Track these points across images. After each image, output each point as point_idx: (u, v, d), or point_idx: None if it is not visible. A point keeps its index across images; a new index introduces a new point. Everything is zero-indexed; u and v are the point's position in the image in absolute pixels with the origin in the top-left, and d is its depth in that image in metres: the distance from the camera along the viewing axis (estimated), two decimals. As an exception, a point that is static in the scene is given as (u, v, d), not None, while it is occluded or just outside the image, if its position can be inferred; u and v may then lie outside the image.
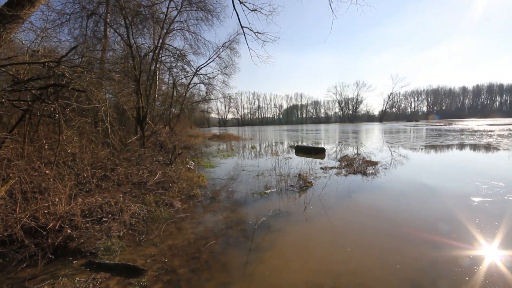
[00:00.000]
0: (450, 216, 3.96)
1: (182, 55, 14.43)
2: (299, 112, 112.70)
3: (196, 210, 4.57)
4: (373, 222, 3.86)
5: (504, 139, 15.12)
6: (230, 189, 5.89)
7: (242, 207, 4.71)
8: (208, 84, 18.77)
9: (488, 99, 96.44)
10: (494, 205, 4.32)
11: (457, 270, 2.56)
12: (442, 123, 50.77)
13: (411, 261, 2.78)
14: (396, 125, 48.41)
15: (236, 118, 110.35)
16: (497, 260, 2.72)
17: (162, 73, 18.87)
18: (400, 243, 3.18)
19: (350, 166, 7.87)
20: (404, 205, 4.56)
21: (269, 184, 6.06)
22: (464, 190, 5.24)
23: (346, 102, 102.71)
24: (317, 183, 6.12)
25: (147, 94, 11.42)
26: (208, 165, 9.08)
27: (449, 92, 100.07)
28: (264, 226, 3.79)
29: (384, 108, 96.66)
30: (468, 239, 3.21)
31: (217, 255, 3.01)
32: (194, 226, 3.85)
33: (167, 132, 13.46)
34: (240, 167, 8.73)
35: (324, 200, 4.86)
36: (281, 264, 2.81)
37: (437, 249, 3.01)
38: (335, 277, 2.54)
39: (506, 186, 5.40)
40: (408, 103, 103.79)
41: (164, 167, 6.74)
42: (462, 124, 41.23)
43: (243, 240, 3.38)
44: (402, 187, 5.66)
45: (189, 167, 7.54)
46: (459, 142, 14.46)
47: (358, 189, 5.57)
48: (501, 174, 6.47)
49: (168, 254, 3.05)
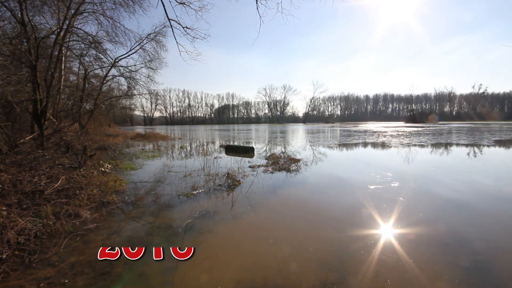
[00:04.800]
0: (354, 202, 4.63)
1: (96, 42, 12.58)
2: (231, 112, 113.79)
3: (110, 218, 4.02)
4: (295, 213, 4.18)
5: (394, 138, 18.91)
6: (154, 193, 5.43)
7: (167, 210, 4.40)
8: (130, 78, 16.92)
9: (384, 106, 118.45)
10: (383, 191, 5.27)
11: (358, 247, 3.00)
12: (351, 125, 59.57)
13: (323, 245, 3.11)
14: (317, 126, 54.28)
15: (164, 116, 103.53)
16: (387, 235, 3.31)
17: (70, 61, 16.07)
18: (316, 230, 3.52)
19: (276, 163, 8.36)
20: (321, 196, 5.10)
21: (197, 185, 5.86)
22: (365, 180, 6.23)
23: (274, 103, 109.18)
24: (245, 181, 6.25)
25: (47, 85, 9.48)
26: (129, 167, 8.17)
27: (356, 99, 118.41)
28: (190, 229, 3.62)
29: (307, 110, 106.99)
30: (366, 219, 3.81)
31: (133, 266, 2.70)
32: (106, 237, 3.37)
33: (76, 131, 11.49)
34: (167, 168, 8.18)
35: (251, 197, 5.00)
36: (209, 264, 2.72)
37: (343, 232, 3.45)
38: (263, 269, 2.62)
39: (393, 175, 6.68)
40: (326, 107, 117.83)
41: (69, 171, 5.72)
42: (365, 126, 49.35)
43: (165, 246, 3.13)
44: (320, 181, 6.33)
45: (103, 171, 6.61)
46: (362, 141, 17.26)
47: (282, 185, 5.94)
48: (390, 166, 7.99)
49: (69, 274, 2.57)
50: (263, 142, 18.27)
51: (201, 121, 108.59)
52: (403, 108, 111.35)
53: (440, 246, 3.05)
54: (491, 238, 3.25)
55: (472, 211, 4.16)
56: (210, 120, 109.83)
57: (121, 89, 20.69)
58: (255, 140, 19.80)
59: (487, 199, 4.80)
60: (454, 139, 17.56)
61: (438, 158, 9.76)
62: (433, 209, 4.29)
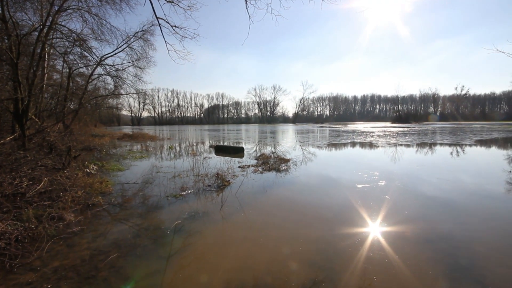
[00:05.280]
0: (342, 201, 4.71)
1: (81, 40, 12.22)
2: (221, 112, 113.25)
3: (95, 221, 3.92)
4: (284, 213, 4.19)
5: (381, 138, 19.33)
6: (141, 194, 5.33)
7: (155, 212, 4.33)
8: (117, 77, 16.51)
9: (371, 106, 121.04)
10: (370, 189, 5.38)
11: (346, 245, 3.04)
12: (339, 125, 60.48)
13: (312, 244, 3.14)
14: (306, 126, 54.78)
15: (152, 116, 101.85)
16: (373, 232, 3.38)
17: (53, 59, 15.56)
18: (305, 229, 3.55)
19: (266, 163, 8.38)
20: (310, 195, 5.14)
21: (186, 186, 5.79)
22: (353, 179, 6.34)
23: (264, 104, 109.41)
24: (235, 181, 6.23)
25: (29, 83, 9.14)
26: (116, 168, 7.99)
27: (344, 99, 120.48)
28: (178, 230, 3.57)
29: (297, 111, 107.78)
30: (353, 218, 3.88)
31: (120, 269, 2.64)
32: (91, 240, 3.28)
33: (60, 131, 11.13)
34: (155, 169, 8.04)
35: (241, 198, 4.99)
36: (199, 266, 2.70)
37: (332, 230, 3.50)
38: (253, 269, 2.62)
39: (380, 174, 6.83)
40: (315, 107, 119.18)
41: (53, 173, 5.53)
42: (353, 126, 50.20)
43: (153, 248, 3.09)
44: (309, 180, 6.39)
45: (89, 172, 6.43)
46: (351, 141, 17.56)
47: (272, 185, 5.96)
48: (377, 165, 8.17)
49: (52, 279, 2.49)
50: (253, 142, 18.27)
51: (191, 121, 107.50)
52: (389, 108, 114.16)
53: (424, 243, 3.14)
54: (473, 235, 3.37)
55: (455, 209, 4.31)
56: (200, 120, 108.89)
57: (107, 88, 20.20)
58: (245, 140, 19.78)
59: (469, 196, 4.98)
60: (438, 139, 18.14)
61: (422, 157, 10.05)
62: (418, 207, 4.42)
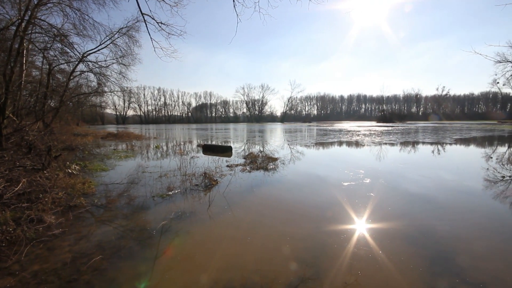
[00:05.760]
0: (328, 198, 4.79)
1: (62, 35, 11.76)
2: (209, 111, 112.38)
3: (77, 223, 3.79)
4: (271, 211, 4.22)
5: (366, 137, 19.81)
6: (126, 194, 5.21)
7: (140, 212, 4.24)
8: (100, 74, 16.02)
9: (357, 106, 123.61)
10: (356, 187, 5.50)
11: (332, 241, 3.10)
12: (327, 124, 61.40)
13: (300, 241, 3.18)
14: (294, 126, 55.26)
15: (138, 115, 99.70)
16: (359, 229, 3.46)
17: (32, 54, 14.88)
18: (292, 227, 3.59)
19: (254, 162, 8.39)
20: (297, 193, 5.19)
21: (173, 185, 5.71)
22: (339, 177, 6.46)
23: (253, 103, 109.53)
24: (223, 180, 6.20)
25: (6, 80, 8.70)
26: (99, 168, 7.76)
27: (332, 99, 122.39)
28: (165, 231, 3.52)
29: (285, 110, 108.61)
30: (339, 215, 3.95)
31: (104, 271, 2.57)
32: (73, 243, 3.18)
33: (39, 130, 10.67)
34: (141, 168, 7.87)
35: (229, 197, 4.97)
36: (186, 266, 2.67)
37: (318, 228, 3.55)
38: (241, 268, 2.61)
39: (365, 172, 7.00)
40: (303, 107, 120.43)
41: (32, 173, 5.31)
42: (340, 125, 51.10)
43: (139, 249, 3.02)
44: (296, 179, 6.45)
45: (70, 172, 6.21)
46: (338, 140, 17.88)
47: (260, 184, 5.98)
48: (362, 164, 8.36)
49: (32, 283, 2.39)
50: (241, 141, 18.23)
51: (178, 120, 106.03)
52: (375, 108, 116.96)
53: (406, 238, 3.24)
54: (452, 229, 3.52)
55: (436, 205, 4.48)
56: (187, 119, 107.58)
57: (90, 85, 19.55)
58: (233, 140, 19.71)
59: (449, 193, 5.18)
60: (420, 138, 18.78)
61: (405, 156, 10.37)
62: (401, 204, 4.56)
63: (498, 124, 48.82)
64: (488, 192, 5.19)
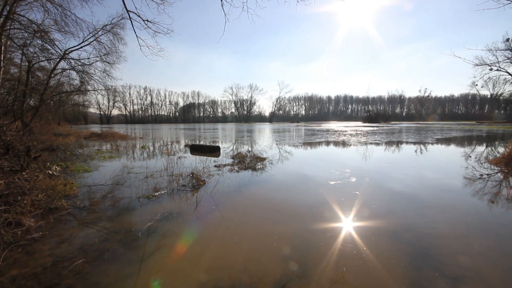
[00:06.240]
0: (315, 197, 4.85)
1: (42, 31, 11.29)
2: (197, 111, 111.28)
3: (58, 226, 3.66)
4: (259, 211, 4.22)
5: (353, 137, 20.24)
6: (111, 196, 5.07)
7: (126, 214, 4.14)
8: (83, 72, 15.48)
9: (344, 106, 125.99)
10: (342, 186, 5.61)
11: (319, 239, 3.15)
12: (314, 124, 62.19)
13: (287, 240, 3.21)
14: (283, 126, 55.62)
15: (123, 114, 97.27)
16: (345, 226, 3.53)
17: (11, 51, 14.19)
18: (280, 226, 3.61)
19: (242, 162, 8.37)
20: (285, 193, 5.23)
21: (159, 186, 5.61)
22: (326, 176, 6.56)
23: (241, 103, 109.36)
24: (210, 180, 6.16)
25: (-20, 77, 8.27)
26: (82, 169, 7.51)
27: (319, 99, 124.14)
28: (151, 232, 3.45)
29: (273, 110, 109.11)
30: (326, 213, 4.02)
31: (86, 275, 2.49)
32: (54, 246, 3.06)
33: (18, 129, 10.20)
34: (126, 169, 7.69)
35: (216, 197, 4.94)
36: (173, 267, 2.62)
37: (305, 226, 3.59)
38: (229, 268, 2.60)
39: (351, 171, 7.15)
40: (291, 107, 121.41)
41: (10, 175, 5.06)
42: (327, 125, 51.94)
43: (123, 252, 2.95)
44: (284, 178, 6.49)
45: (51, 173, 5.97)
46: (325, 139, 18.16)
47: (248, 184, 5.98)
48: (349, 163, 8.53)
49: (9, 290, 2.28)
50: (229, 141, 18.16)
51: (165, 120, 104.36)
52: (361, 109, 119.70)
53: (390, 235, 3.34)
54: (433, 225, 3.65)
55: (419, 202, 4.63)
56: (175, 119, 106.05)
57: (72, 84, 18.88)
58: (221, 140, 19.60)
59: (431, 191, 5.38)
60: (404, 138, 19.37)
61: (390, 155, 10.67)
62: (385, 202, 4.68)
63: (476, 125, 51.14)
64: (467, 190, 5.42)
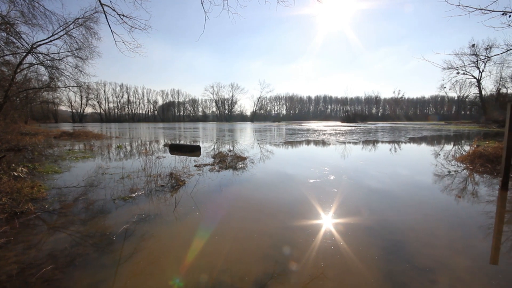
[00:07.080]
0: (295, 195, 4.93)
1: (7, 23, 10.49)
2: (176, 110, 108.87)
3: (25, 231, 3.42)
4: (239, 210, 4.21)
5: (332, 136, 20.83)
6: (84, 198, 4.82)
7: (100, 217, 3.95)
8: (52, 67, 14.60)
9: (324, 107, 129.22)
10: (321, 184, 5.75)
11: (298, 237, 3.20)
12: (295, 124, 63.18)
13: (267, 238, 3.23)
14: (264, 125, 55.91)
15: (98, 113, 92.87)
16: (323, 223, 3.62)
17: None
18: (259, 225, 3.63)
19: (223, 162, 8.31)
20: (265, 192, 5.26)
21: (136, 187, 5.42)
22: (305, 174, 6.69)
23: (222, 102, 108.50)
24: (190, 180, 6.05)
25: None
26: (52, 170, 7.08)
27: (300, 99, 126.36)
28: (128, 235, 3.32)
29: (255, 109, 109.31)
30: (305, 211, 4.10)
31: (56, 282, 2.35)
32: (20, 253, 2.86)
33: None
34: (101, 170, 7.35)
35: (196, 197, 4.87)
36: (152, 270, 2.54)
37: (285, 224, 3.64)
38: (208, 269, 2.56)
39: (329, 169, 7.35)
40: (272, 106, 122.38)
41: (-33, 177, 4.66)
42: (308, 125, 53.00)
43: (97, 256, 2.82)
44: (264, 177, 6.53)
45: (16, 175, 5.57)
46: (305, 139, 18.51)
47: (228, 183, 5.94)
48: (327, 161, 8.76)
49: (-34, 303, 2.10)
50: (210, 140, 17.96)
51: (143, 118, 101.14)
52: (339, 109, 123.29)
53: (366, 230, 3.47)
54: (406, 220, 3.84)
55: (392, 199, 4.86)
56: (154, 118, 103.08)
57: (41, 80, 17.76)
58: (202, 139, 19.33)
59: (404, 187, 5.66)
60: (380, 137, 20.24)
61: (366, 153, 11.09)
62: (362, 198, 4.86)
63: (445, 125, 54.58)
64: (437, 186, 5.77)
